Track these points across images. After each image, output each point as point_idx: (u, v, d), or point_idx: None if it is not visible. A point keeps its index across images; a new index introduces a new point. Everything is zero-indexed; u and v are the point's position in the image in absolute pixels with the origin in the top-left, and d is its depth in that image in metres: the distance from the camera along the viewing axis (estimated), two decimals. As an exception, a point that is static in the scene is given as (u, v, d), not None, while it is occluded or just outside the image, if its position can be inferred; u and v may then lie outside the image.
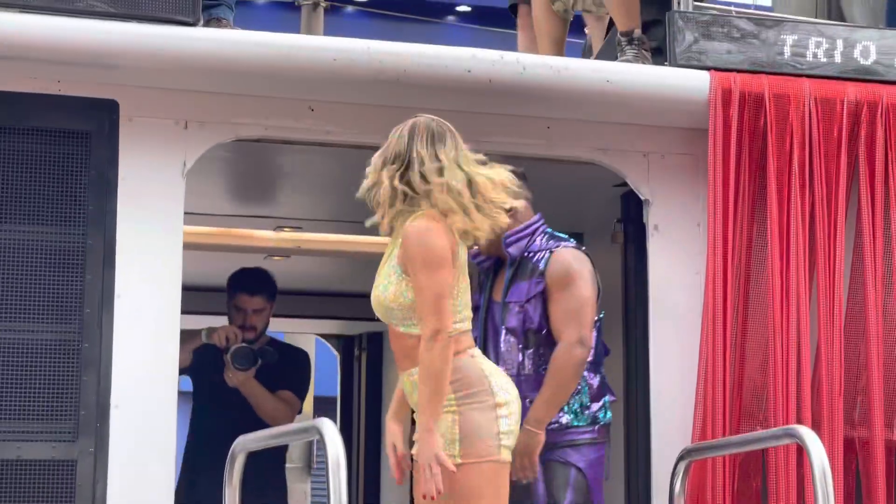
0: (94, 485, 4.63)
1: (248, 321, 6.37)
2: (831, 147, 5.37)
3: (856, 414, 5.31)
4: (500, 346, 5.02)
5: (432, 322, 4.11)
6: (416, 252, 4.16)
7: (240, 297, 6.42)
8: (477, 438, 4.15)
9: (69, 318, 4.70)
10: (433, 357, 4.09)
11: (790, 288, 5.20)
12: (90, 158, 4.78)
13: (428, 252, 4.15)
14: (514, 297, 5.03)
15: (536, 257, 5.08)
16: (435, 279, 4.13)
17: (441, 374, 4.09)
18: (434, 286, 4.13)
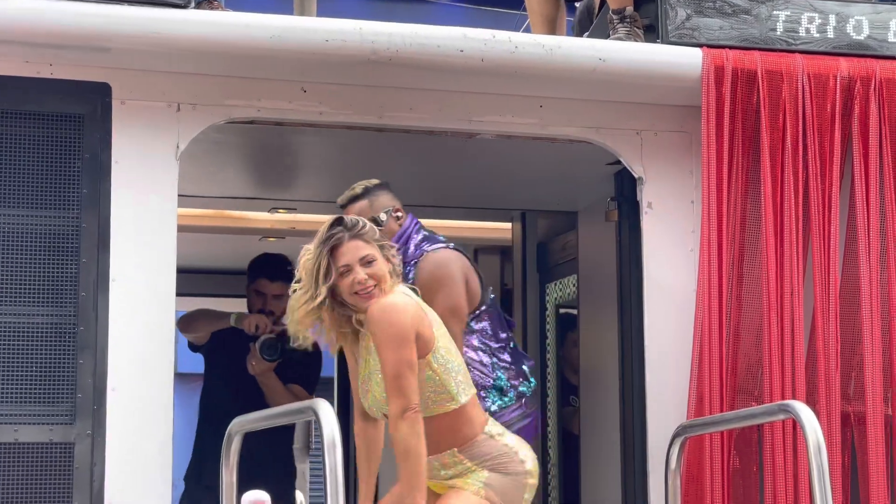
0: (92, 467, 4.65)
1: (268, 306, 6.42)
2: (825, 122, 5.37)
3: (851, 389, 5.33)
4: None
5: (397, 401, 4.15)
6: (377, 330, 4.20)
7: (260, 282, 6.48)
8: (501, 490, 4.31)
9: (64, 301, 4.72)
10: (403, 435, 4.13)
11: (784, 264, 5.21)
12: (83, 142, 4.79)
13: (389, 329, 4.18)
14: None
15: (408, 267, 5.07)
16: (398, 356, 4.16)
17: (416, 450, 4.14)
18: (396, 363, 4.16)
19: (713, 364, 5.11)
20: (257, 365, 6.20)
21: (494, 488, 4.29)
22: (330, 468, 3.72)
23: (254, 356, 6.20)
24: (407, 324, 4.20)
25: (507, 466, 4.34)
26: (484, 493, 4.28)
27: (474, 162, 6.12)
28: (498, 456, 4.34)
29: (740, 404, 5.20)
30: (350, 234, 4.30)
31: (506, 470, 4.33)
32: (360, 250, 4.29)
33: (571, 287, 7.16)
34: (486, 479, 4.29)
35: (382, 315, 4.20)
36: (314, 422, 4.01)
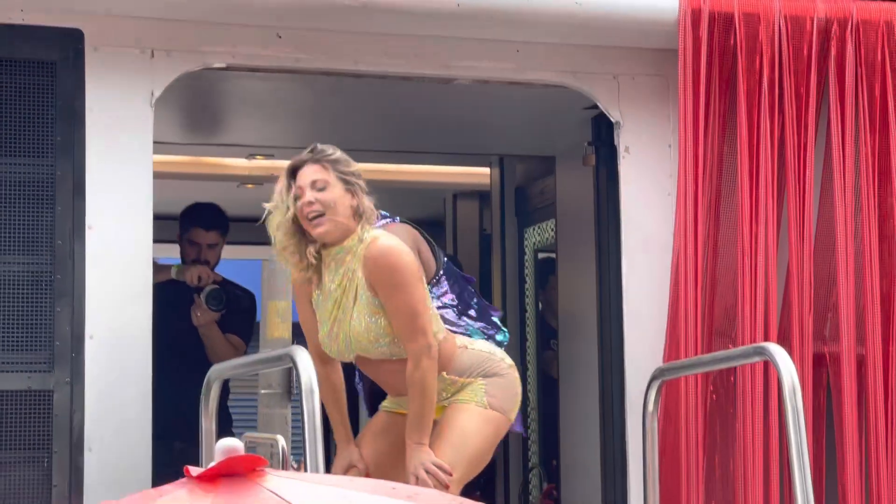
0: (72, 414, 4.65)
1: (202, 255, 6.38)
2: (801, 65, 5.36)
3: (826, 330, 5.36)
4: None
5: (420, 340, 4.16)
6: (384, 275, 4.16)
7: (195, 231, 6.41)
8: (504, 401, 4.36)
9: (40, 249, 4.70)
10: (425, 374, 4.15)
11: (760, 207, 5.22)
12: (56, 89, 4.75)
13: (397, 271, 4.16)
14: None
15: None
16: (415, 295, 4.16)
17: (432, 388, 4.18)
18: (414, 303, 4.16)
19: (689, 307, 5.13)
20: (202, 316, 6.19)
21: (496, 396, 4.33)
22: (308, 414, 3.73)
23: (199, 307, 6.18)
24: (412, 262, 4.20)
25: (494, 368, 4.37)
26: (487, 403, 4.31)
27: (451, 107, 6.10)
28: (482, 363, 4.36)
29: (717, 347, 5.22)
30: (311, 157, 4.27)
31: (495, 372, 4.36)
32: (313, 174, 4.22)
33: (550, 231, 7.18)
34: (486, 390, 4.32)
35: (387, 259, 4.16)
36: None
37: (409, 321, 4.14)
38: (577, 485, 6.37)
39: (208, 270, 6.28)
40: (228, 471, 1.98)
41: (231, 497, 1.92)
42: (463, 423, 4.28)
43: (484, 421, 4.30)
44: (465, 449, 4.26)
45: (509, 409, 4.39)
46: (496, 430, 4.36)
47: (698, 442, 5.10)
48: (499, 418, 4.34)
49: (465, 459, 4.25)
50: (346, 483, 2.04)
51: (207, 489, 1.94)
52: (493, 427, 4.34)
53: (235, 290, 6.54)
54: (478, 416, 4.30)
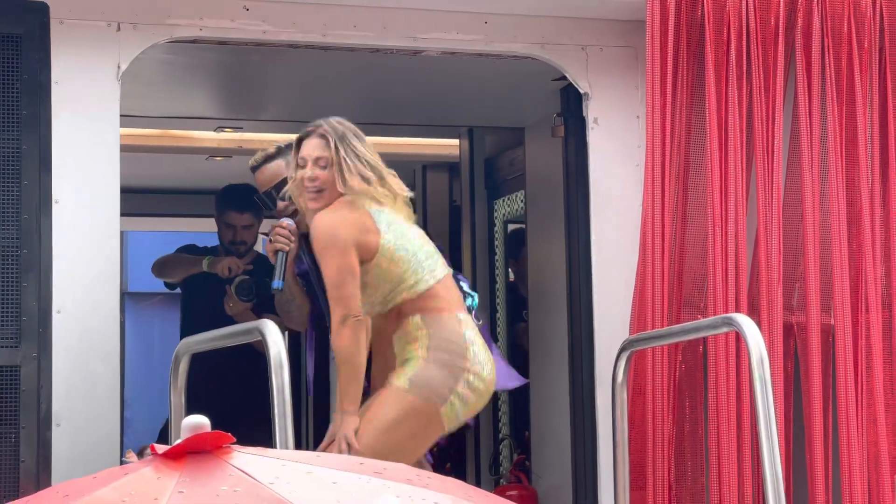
0: (39, 389, 4.64)
1: (238, 237, 6.50)
2: (768, 36, 5.37)
3: (794, 300, 5.39)
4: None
5: (338, 309, 4.21)
6: (316, 242, 4.28)
7: (229, 213, 6.52)
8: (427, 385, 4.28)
9: (6, 223, 4.67)
10: (344, 343, 4.19)
11: (728, 177, 5.24)
12: (21, 62, 4.71)
13: (327, 240, 4.25)
14: None
15: None
16: (335, 265, 4.23)
17: (355, 357, 4.20)
18: (334, 272, 4.23)
19: (657, 277, 5.15)
20: (234, 306, 6.29)
21: (425, 379, 4.27)
22: (277, 388, 3.72)
23: (230, 298, 6.30)
24: (343, 233, 4.26)
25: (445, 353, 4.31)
26: (409, 387, 4.27)
27: (420, 79, 6.09)
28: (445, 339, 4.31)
29: (686, 317, 5.25)
30: (319, 131, 4.31)
31: (441, 357, 4.31)
32: (318, 150, 4.30)
33: (519, 203, 7.18)
34: (416, 372, 4.28)
35: (321, 227, 4.28)
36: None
37: (331, 290, 4.25)
38: (548, 455, 6.40)
39: (238, 262, 6.38)
40: (195, 448, 1.98)
41: (198, 474, 1.92)
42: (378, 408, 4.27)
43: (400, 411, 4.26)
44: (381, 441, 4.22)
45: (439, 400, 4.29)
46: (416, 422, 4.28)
47: (667, 412, 5.12)
48: (419, 408, 4.27)
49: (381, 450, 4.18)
50: (314, 459, 2.04)
51: (174, 467, 1.94)
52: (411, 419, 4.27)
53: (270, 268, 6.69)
54: (395, 403, 4.26)
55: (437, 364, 4.32)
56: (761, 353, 4.35)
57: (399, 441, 4.25)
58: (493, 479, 7.01)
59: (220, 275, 6.38)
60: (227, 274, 6.36)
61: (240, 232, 6.51)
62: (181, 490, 1.89)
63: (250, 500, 1.87)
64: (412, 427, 4.30)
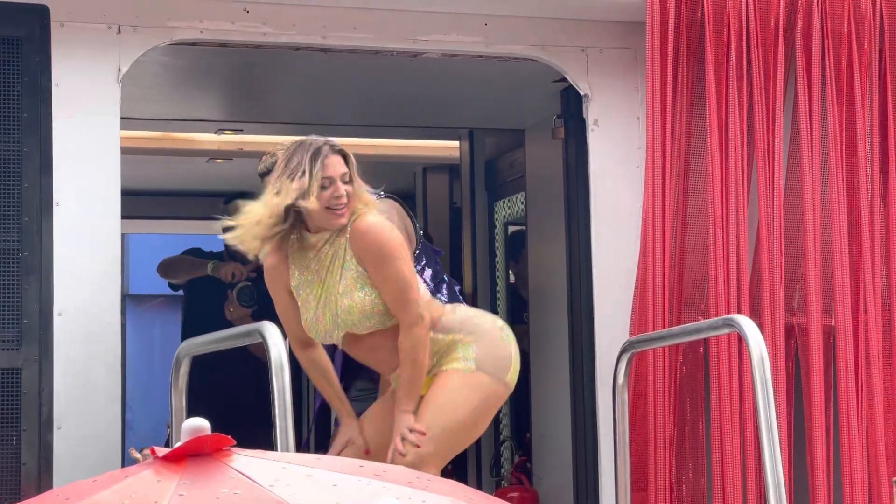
0: (40, 392, 4.64)
1: None
2: (768, 37, 5.37)
3: (795, 301, 5.39)
4: None
5: (412, 310, 4.20)
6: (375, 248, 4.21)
7: None
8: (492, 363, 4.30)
9: (7, 226, 4.68)
10: (416, 342, 4.19)
11: (729, 178, 5.24)
12: (22, 65, 4.72)
13: (388, 245, 4.22)
14: None
15: None
16: (403, 267, 4.21)
17: (424, 357, 4.21)
18: (404, 275, 4.21)
19: (657, 279, 5.15)
20: (234, 311, 6.39)
21: (485, 357, 4.29)
22: (278, 390, 3.73)
23: (231, 303, 6.40)
24: (397, 236, 4.27)
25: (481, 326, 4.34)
26: (475, 365, 4.27)
27: (420, 81, 6.09)
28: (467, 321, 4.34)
29: (687, 319, 5.25)
30: (337, 149, 4.31)
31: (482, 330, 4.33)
32: (341, 167, 4.28)
33: (520, 204, 7.18)
34: (475, 349, 4.29)
35: (378, 234, 4.22)
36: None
37: (400, 293, 4.20)
38: (549, 457, 6.40)
39: (242, 267, 6.44)
40: (195, 451, 1.98)
41: (197, 477, 1.92)
42: (447, 393, 4.25)
43: (469, 389, 4.25)
44: (444, 418, 4.21)
45: (501, 372, 4.30)
46: (485, 397, 4.28)
47: (668, 414, 5.13)
48: (487, 383, 4.27)
49: (445, 428, 4.20)
50: (313, 462, 2.04)
51: (174, 469, 1.94)
52: (481, 394, 4.26)
53: None
54: (463, 385, 4.26)
55: (488, 343, 4.32)
56: (762, 354, 4.36)
57: (472, 417, 4.26)
58: (495, 481, 7.01)
59: (224, 279, 6.45)
60: (231, 279, 6.44)
61: None
62: (181, 493, 1.89)
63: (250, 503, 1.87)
64: (489, 404, 4.32)
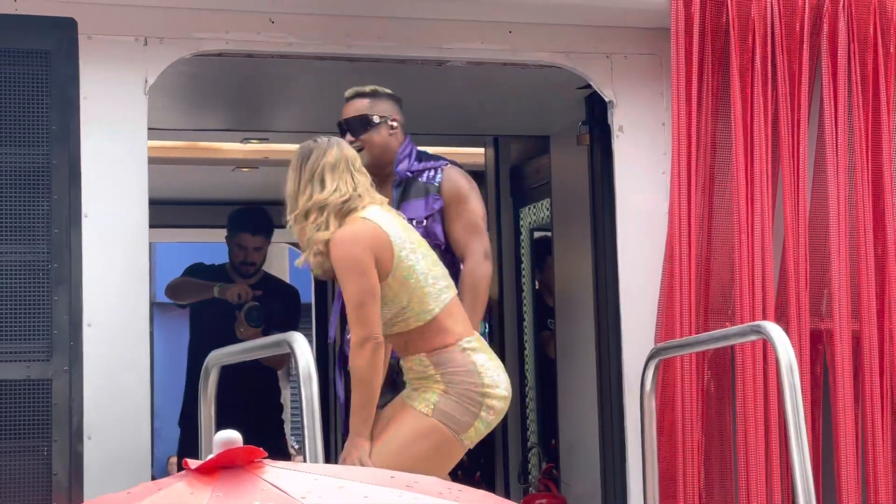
0: (71, 402, 4.67)
1: (249, 258, 6.76)
2: (794, 42, 5.37)
3: (823, 306, 5.37)
4: None
5: (358, 330, 4.15)
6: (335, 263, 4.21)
7: (242, 236, 6.77)
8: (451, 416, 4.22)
9: (37, 238, 4.71)
10: (361, 364, 4.14)
11: (754, 184, 5.23)
12: (50, 78, 4.75)
13: (345, 261, 4.19)
14: (410, 214, 4.87)
15: (424, 176, 4.98)
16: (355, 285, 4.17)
17: (372, 380, 4.15)
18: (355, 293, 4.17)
19: (683, 285, 5.14)
20: (245, 332, 6.51)
21: (447, 408, 4.21)
22: (307, 400, 3.74)
23: (241, 324, 6.54)
24: (360, 253, 4.19)
25: (468, 384, 4.23)
26: (432, 409, 4.21)
27: (445, 88, 6.11)
28: (458, 372, 4.23)
29: (714, 325, 5.24)
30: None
31: (466, 388, 4.23)
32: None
33: (545, 211, 7.18)
34: (440, 399, 4.21)
35: (338, 248, 4.20)
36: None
37: (351, 310, 4.17)
38: (576, 464, 6.40)
39: (248, 288, 6.61)
40: (227, 463, 1.99)
41: (230, 489, 1.93)
42: (401, 434, 4.21)
43: (419, 433, 4.20)
44: (392, 460, 4.15)
45: (459, 429, 4.22)
46: (436, 447, 4.21)
47: (696, 420, 5.12)
48: (441, 433, 4.20)
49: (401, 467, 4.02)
50: (344, 473, 2.05)
51: (206, 482, 1.95)
52: (433, 443, 4.20)
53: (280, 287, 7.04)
54: (415, 425, 4.20)
55: (458, 397, 4.23)
56: (790, 360, 4.34)
57: (416, 462, 4.14)
58: (522, 488, 7.02)
59: (230, 301, 6.60)
60: (238, 300, 6.59)
61: (251, 253, 6.76)
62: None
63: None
64: (431, 448, 4.22)
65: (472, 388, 4.25)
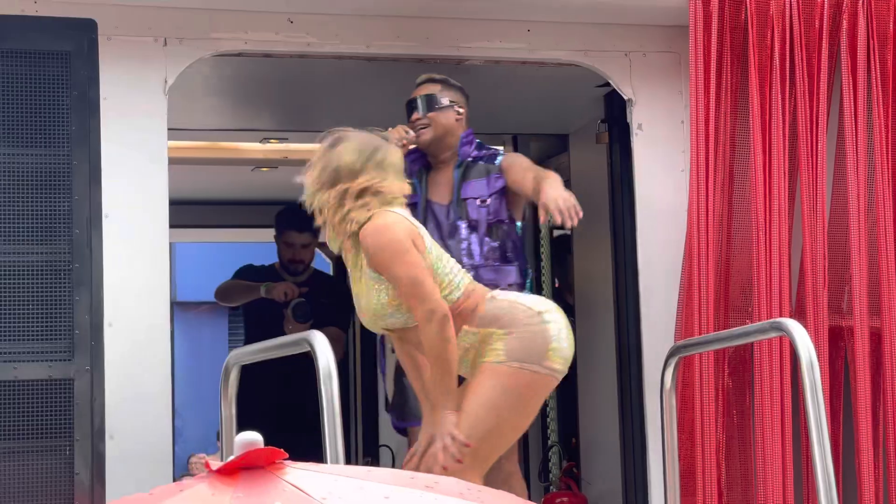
0: (92, 402, 4.69)
1: (297, 256, 6.82)
2: (812, 38, 5.36)
3: (844, 303, 5.37)
4: (460, 239, 5.10)
5: (422, 307, 4.17)
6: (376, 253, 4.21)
7: (288, 234, 6.82)
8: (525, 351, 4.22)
9: (58, 238, 4.74)
10: (431, 339, 4.16)
11: (773, 181, 5.23)
12: (71, 79, 4.78)
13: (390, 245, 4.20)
14: (472, 193, 5.13)
15: (484, 159, 5.21)
16: (407, 266, 4.19)
17: (445, 352, 4.16)
18: (409, 273, 4.18)
19: (703, 283, 5.14)
20: (294, 328, 6.53)
21: (515, 348, 4.20)
22: (326, 399, 3.74)
23: (289, 321, 6.58)
24: (400, 236, 4.22)
25: (515, 317, 4.25)
26: (505, 357, 4.19)
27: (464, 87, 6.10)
28: (502, 313, 4.25)
29: (734, 322, 5.23)
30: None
31: (514, 321, 4.25)
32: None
33: (565, 209, 7.16)
34: (505, 342, 4.21)
35: (377, 237, 4.22)
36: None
37: (409, 290, 4.18)
38: (597, 462, 6.40)
39: (293, 287, 6.67)
40: (248, 464, 2.00)
41: (251, 491, 1.94)
42: (482, 396, 4.19)
43: (504, 387, 4.18)
44: (481, 425, 4.16)
45: (536, 360, 4.20)
46: (520, 392, 4.19)
47: (716, 418, 5.12)
48: (521, 374, 4.18)
49: (483, 437, 4.17)
50: (365, 474, 2.06)
51: (228, 483, 1.96)
52: (517, 389, 4.18)
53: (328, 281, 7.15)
54: (497, 383, 4.18)
55: (523, 328, 4.24)
56: (811, 357, 4.33)
57: (511, 414, 4.19)
58: (543, 487, 7.02)
59: (277, 300, 6.63)
60: (284, 298, 6.62)
61: (298, 251, 6.79)
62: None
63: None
64: (520, 393, 4.21)
65: (521, 317, 4.26)
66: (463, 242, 5.11)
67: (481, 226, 5.11)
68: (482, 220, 5.11)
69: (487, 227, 5.12)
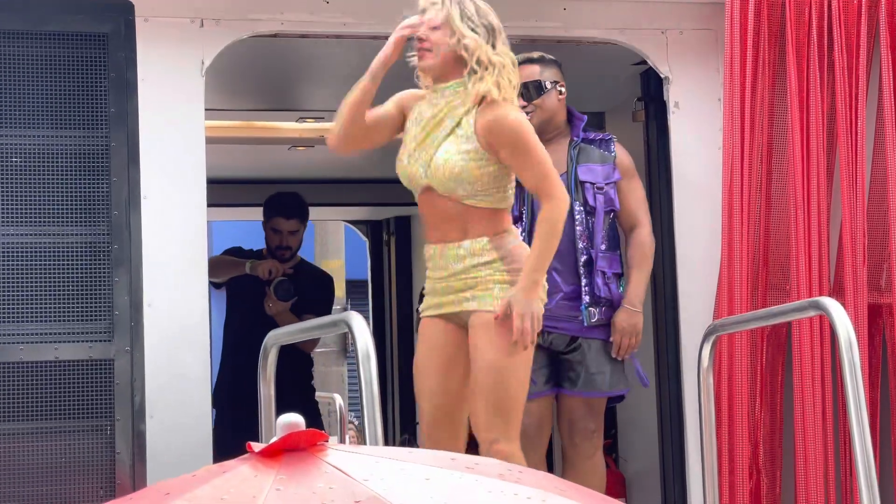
0: (132, 382, 4.73)
1: (284, 242, 6.85)
2: (851, 15, 5.32)
3: (882, 280, 5.34)
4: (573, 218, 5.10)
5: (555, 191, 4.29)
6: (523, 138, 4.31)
7: (277, 220, 6.87)
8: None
9: (97, 220, 4.77)
10: (557, 221, 4.27)
11: (811, 159, 5.20)
12: (108, 61, 4.80)
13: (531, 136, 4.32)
14: (588, 177, 5.16)
15: (597, 144, 5.25)
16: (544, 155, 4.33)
17: (557, 236, 4.29)
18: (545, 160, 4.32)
19: (741, 261, 5.13)
20: (274, 306, 6.64)
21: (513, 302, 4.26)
22: (365, 380, 3.76)
23: (270, 298, 6.66)
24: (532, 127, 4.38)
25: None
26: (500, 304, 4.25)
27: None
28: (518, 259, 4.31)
29: (772, 300, 5.22)
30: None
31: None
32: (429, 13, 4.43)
33: (601, 187, 7.16)
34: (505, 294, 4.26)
35: (526, 125, 4.35)
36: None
37: (546, 173, 4.31)
38: (635, 440, 6.39)
39: (278, 264, 6.74)
40: (290, 446, 2.01)
41: (294, 472, 1.95)
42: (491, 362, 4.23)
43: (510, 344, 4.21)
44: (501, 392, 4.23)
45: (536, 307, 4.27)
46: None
47: (755, 397, 5.11)
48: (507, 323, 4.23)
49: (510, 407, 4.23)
50: (406, 455, 2.07)
51: (270, 465, 1.98)
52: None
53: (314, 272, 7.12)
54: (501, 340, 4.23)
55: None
56: (850, 336, 4.31)
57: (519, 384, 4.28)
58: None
59: (261, 276, 6.69)
60: (268, 276, 6.69)
61: (286, 237, 6.85)
62: (278, 487, 1.93)
63: (345, 497, 1.91)
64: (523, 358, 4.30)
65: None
66: (578, 225, 5.11)
67: (598, 213, 5.13)
68: (599, 209, 5.14)
69: (604, 215, 5.16)
